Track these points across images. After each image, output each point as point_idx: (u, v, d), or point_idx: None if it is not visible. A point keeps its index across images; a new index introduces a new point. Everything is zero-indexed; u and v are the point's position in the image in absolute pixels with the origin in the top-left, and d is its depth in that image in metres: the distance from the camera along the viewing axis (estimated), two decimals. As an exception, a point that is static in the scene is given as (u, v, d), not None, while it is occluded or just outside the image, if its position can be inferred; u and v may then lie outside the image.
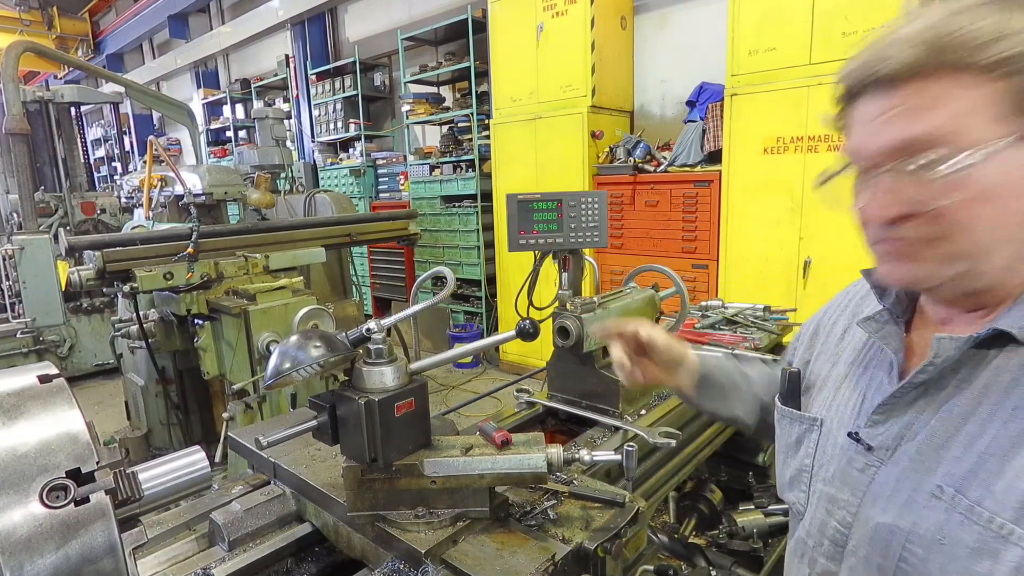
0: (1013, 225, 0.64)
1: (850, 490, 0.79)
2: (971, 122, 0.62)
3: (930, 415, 0.72)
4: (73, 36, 13.85)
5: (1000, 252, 0.66)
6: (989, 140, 0.62)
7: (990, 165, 0.62)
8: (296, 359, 1.02)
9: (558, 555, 1.02)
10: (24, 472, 0.68)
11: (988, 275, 0.68)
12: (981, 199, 0.63)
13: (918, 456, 0.72)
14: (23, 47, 5.76)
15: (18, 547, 0.64)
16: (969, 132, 0.62)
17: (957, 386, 0.70)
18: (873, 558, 0.75)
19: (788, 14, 3.70)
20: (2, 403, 0.72)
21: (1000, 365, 0.68)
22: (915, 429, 0.73)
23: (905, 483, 0.73)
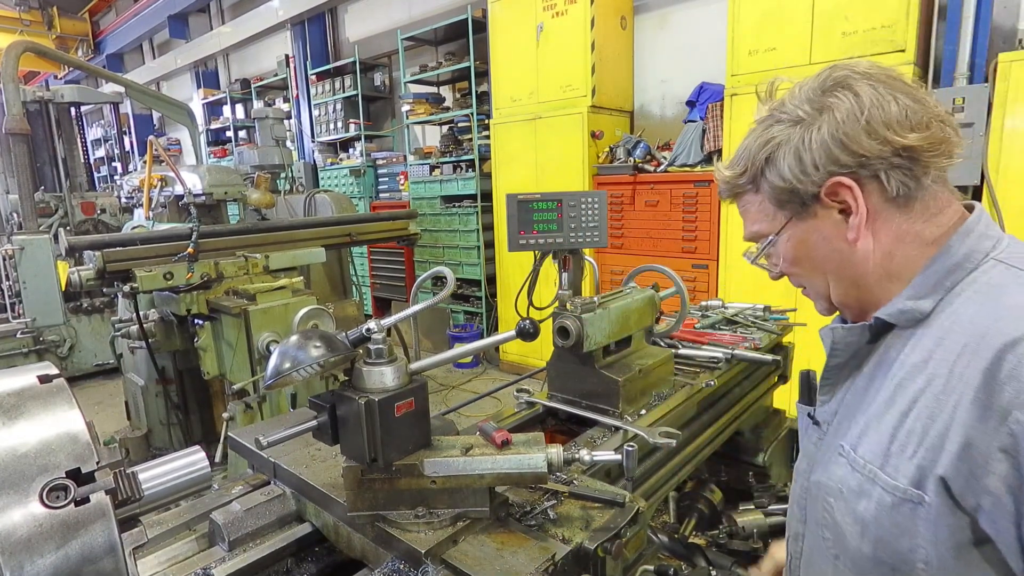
0: (823, 274, 0.92)
1: (807, 461, 1.00)
2: (761, 222, 0.94)
3: (847, 391, 0.94)
4: (73, 36, 13.85)
5: (837, 288, 0.92)
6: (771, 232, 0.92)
7: (782, 244, 0.93)
8: (296, 359, 1.02)
9: (558, 555, 1.02)
10: (24, 472, 0.68)
11: (848, 299, 0.92)
12: (793, 264, 0.94)
13: (838, 425, 0.94)
14: (23, 47, 5.76)
15: (18, 547, 0.64)
16: (763, 228, 0.94)
17: (860, 366, 0.92)
18: (815, 512, 0.95)
19: (788, 14, 3.70)
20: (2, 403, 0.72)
21: (887, 346, 0.88)
22: (841, 404, 0.94)
23: (830, 447, 0.93)
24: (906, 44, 3.33)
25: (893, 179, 0.81)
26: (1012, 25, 3.61)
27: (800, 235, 0.90)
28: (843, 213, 0.85)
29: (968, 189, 3.36)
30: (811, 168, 0.83)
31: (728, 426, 1.94)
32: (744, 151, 0.91)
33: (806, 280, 0.96)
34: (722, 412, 1.93)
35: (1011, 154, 3.14)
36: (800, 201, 0.87)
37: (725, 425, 1.92)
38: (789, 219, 0.89)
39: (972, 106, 3.23)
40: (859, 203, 0.83)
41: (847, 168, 0.81)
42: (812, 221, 0.88)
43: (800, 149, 0.84)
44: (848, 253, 0.87)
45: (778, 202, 0.89)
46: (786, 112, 0.86)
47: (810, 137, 0.83)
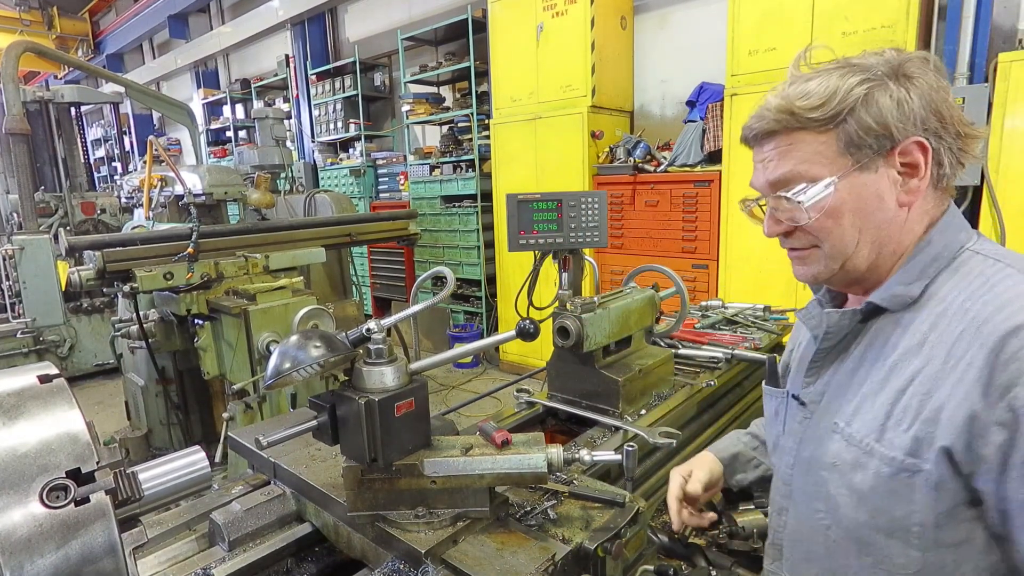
0: (859, 232, 0.89)
1: (793, 439, 1.04)
2: (813, 163, 0.88)
3: (835, 372, 0.97)
4: (73, 36, 13.84)
5: (860, 251, 0.90)
6: (829, 174, 0.87)
7: (833, 192, 0.87)
8: (296, 359, 1.02)
9: (558, 555, 1.02)
10: (24, 472, 0.68)
11: (859, 268, 0.92)
12: (830, 217, 0.89)
13: (827, 404, 0.97)
14: (23, 47, 5.76)
15: (18, 547, 0.64)
16: (812, 171, 0.88)
17: (850, 348, 0.96)
18: (804, 487, 0.99)
19: (788, 14, 3.70)
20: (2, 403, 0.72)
21: (878, 329, 0.92)
22: (829, 384, 0.98)
23: (820, 425, 0.97)
24: (906, 44, 3.33)
25: (948, 159, 0.86)
26: (1012, 25, 3.61)
27: (856, 186, 0.87)
28: (902, 175, 0.86)
29: (968, 189, 3.36)
30: (908, 119, 0.83)
31: (728, 426, 1.94)
32: (823, 86, 0.86)
33: (832, 238, 0.90)
34: (722, 412, 1.93)
35: (1011, 154, 3.14)
36: (875, 149, 0.85)
37: (725, 425, 1.92)
38: (853, 166, 0.86)
39: (972, 106, 3.23)
40: (927, 169, 0.85)
41: (929, 132, 0.84)
42: (872, 175, 0.87)
43: (902, 98, 0.83)
44: (892, 215, 0.88)
45: (852, 145, 0.86)
46: (872, 65, 0.85)
47: (906, 92, 0.84)
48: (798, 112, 0.87)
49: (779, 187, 0.91)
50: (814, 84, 0.87)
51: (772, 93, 0.92)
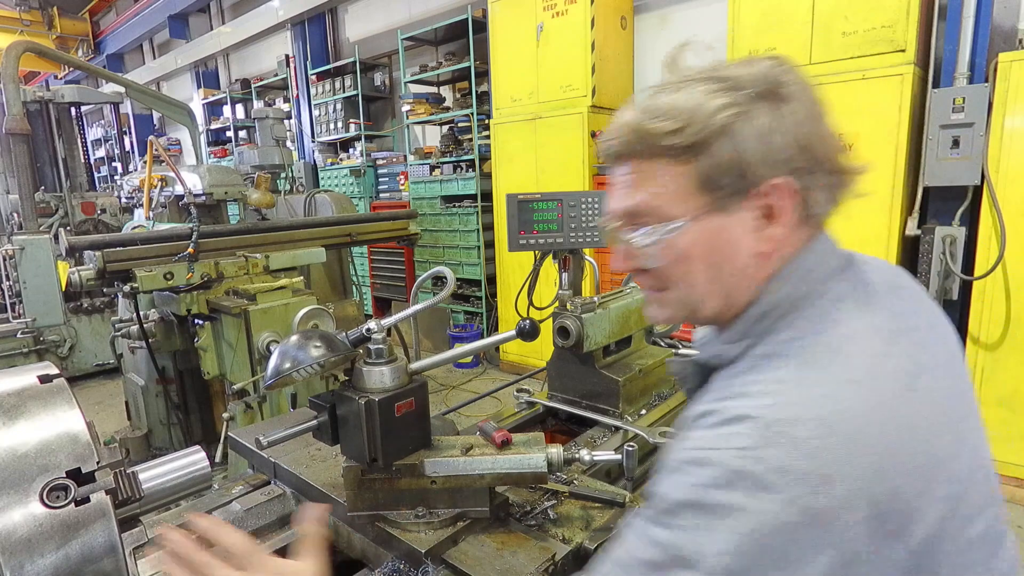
0: (708, 282, 0.77)
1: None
2: (666, 199, 0.74)
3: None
4: (73, 36, 13.84)
5: (709, 301, 0.78)
6: (681, 214, 0.74)
7: (683, 235, 0.75)
8: (296, 359, 1.02)
9: (558, 555, 1.02)
10: (24, 472, 0.68)
11: (708, 317, 0.81)
12: (679, 263, 0.76)
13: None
14: (23, 47, 5.76)
15: (19, 547, 0.64)
16: (664, 207, 0.75)
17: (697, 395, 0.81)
18: None
19: (788, 14, 3.70)
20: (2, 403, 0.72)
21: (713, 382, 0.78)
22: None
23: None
24: (906, 44, 3.33)
25: (819, 196, 0.74)
26: (1012, 25, 3.61)
27: (709, 230, 0.74)
28: (761, 219, 0.74)
29: (968, 189, 3.36)
30: (771, 156, 0.70)
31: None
32: (685, 106, 0.71)
33: (685, 284, 0.78)
34: (722, 412, 1.93)
35: (1011, 154, 3.14)
36: (732, 190, 0.72)
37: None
38: (708, 206, 0.73)
39: (972, 106, 3.23)
40: (788, 214, 0.73)
41: (796, 171, 0.71)
42: (727, 218, 0.73)
43: (765, 130, 0.70)
44: (745, 266, 0.75)
45: (708, 182, 0.72)
46: (740, 82, 0.71)
47: (775, 122, 0.70)
48: (651, 136, 0.73)
49: (629, 219, 0.79)
50: (675, 99, 0.73)
51: (630, 105, 0.78)
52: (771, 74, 0.72)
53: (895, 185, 3.42)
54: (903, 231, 3.51)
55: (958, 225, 3.42)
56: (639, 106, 0.76)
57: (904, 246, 3.54)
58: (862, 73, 3.44)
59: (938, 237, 3.42)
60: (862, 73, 3.44)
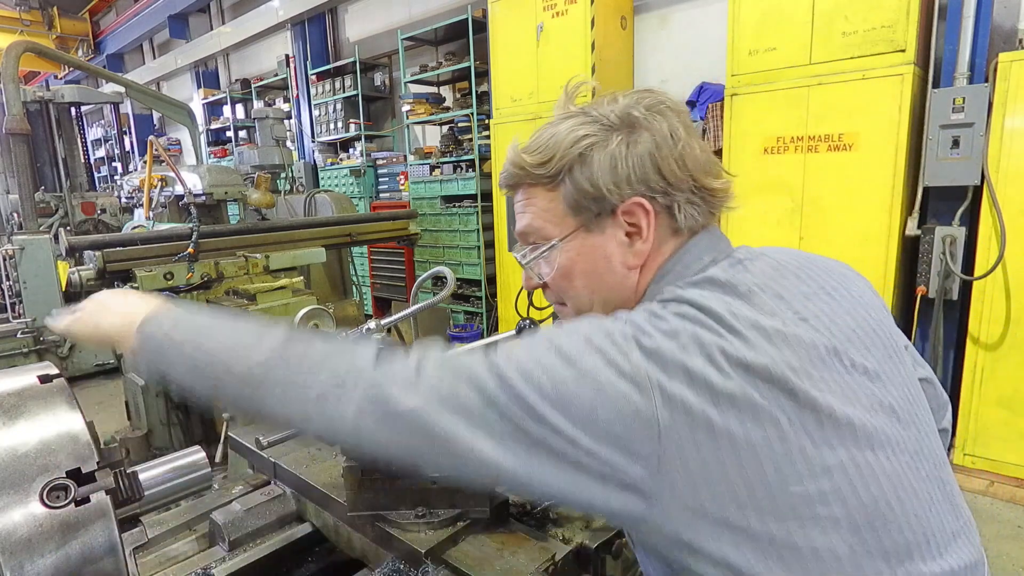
0: (591, 293, 0.86)
1: None
2: (546, 220, 0.86)
3: None
4: (73, 36, 13.84)
5: (595, 309, 0.86)
6: (558, 234, 0.85)
7: (561, 252, 0.85)
8: (296, 359, 1.02)
9: (559, 555, 1.02)
10: (24, 472, 0.68)
11: None
12: (564, 277, 0.87)
13: None
14: (23, 47, 5.77)
15: (18, 547, 0.64)
16: (545, 228, 0.86)
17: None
18: None
19: (788, 14, 3.70)
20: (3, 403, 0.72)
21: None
22: None
23: None
24: (906, 44, 3.33)
25: (684, 212, 0.81)
26: (1012, 25, 3.60)
27: (583, 247, 0.84)
28: (628, 236, 0.82)
29: (968, 189, 3.36)
30: (623, 180, 0.80)
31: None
32: (551, 140, 0.83)
33: (572, 296, 0.89)
34: (722, 412, 1.93)
35: (1011, 154, 3.14)
36: (596, 212, 0.82)
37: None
38: (578, 227, 0.84)
39: (972, 106, 3.23)
40: (650, 231, 0.81)
41: (652, 192, 0.80)
42: (599, 236, 0.83)
43: (616, 157, 0.79)
44: (622, 277, 0.84)
45: (574, 206, 0.83)
46: (602, 115, 0.82)
47: (627, 149, 0.80)
48: (525, 167, 0.85)
49: (524, 240, 0.90)
50: (548, 134, 0.84)
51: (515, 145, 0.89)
52: (631, 107, 0.81)
53: (895, 185, 3.42)
54: (903, 231, 3.51)
55: (958, 225, 3.42)
56: (524, 143, 0.87)
57: (904, 246, 3.54)
58: (862, 73, 3.44)
59: (938, 237, 3.42)
60: (862, 73, 3.44)
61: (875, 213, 3.46)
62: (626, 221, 0.82)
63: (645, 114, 0.81)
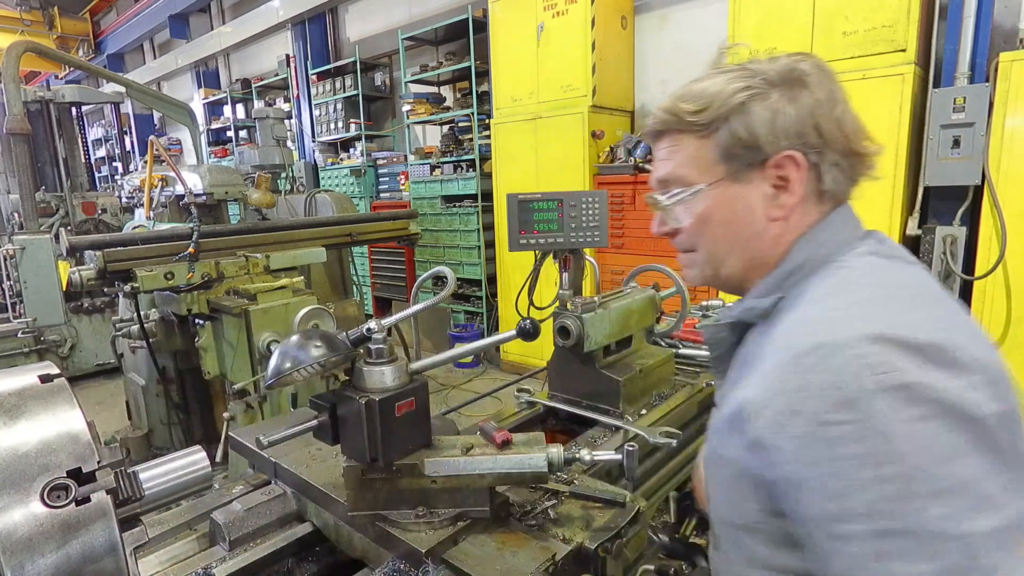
0: (728, 242, 0.89)
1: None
2: (690, 168, 0.88)
3: (722, 380, 0.96)
4: (74, 36, 13.84)
5: (730, 261, 0.90)
6: (698, 182, 0.87)
7: (703, 198, 0.88)
8: (297, 359, 1.02)
9: (559, 555, 1.02)
10: (25, 472, 0.68)
11: (733, 276, 0.92)
12: (702, 223, 0.89)
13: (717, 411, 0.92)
14: (24, 47, 5.77)
15: (19, 546, 0.64)
16: (688, 175, 0.88)
17: (731, 360, 0.93)
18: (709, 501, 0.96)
19: (788, 14, 3.70)
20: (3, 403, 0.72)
21: (749, 341, 0.90)
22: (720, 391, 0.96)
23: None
24: (907, 44, 3.33)
25: (832, 174, 0.83)
26: (1013, 24, 3.60)
27: (727, 196, 0.86)
28: (775, 188, 0.84)
29: (969, 189, 3.36)
30: (780, 132, 0.82)
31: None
32: (709, 89, 0.86)
33: (705, 244, 0.91)
34: (723, 412, 1.93)
35: (1012, 154, 3.14)
36: (747, 161, 0.84)
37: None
38: (725, 176, 0.86)
39: (973, 106, 3.23)
40: (799, 185, 0.83)
41: (807, 147, 0.82)
42: (744, 186, 0.85)
43: (776, 110, 0.82)
44: (761, 230, 0.86)
45: (725, 154, 0.85)
46: (762, 70, 0.84)
47: (787, 103, 0.82)
48: (680, 114, 0.87)
49: (664, 187, 0.92)
50: (704, 85, 0.87)
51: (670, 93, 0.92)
52: (791, 65, 0.83)
53: (895, 185, 3.41)
54: (904, 231, 3.51)
55: (959, 225, 3.42)
56: (675, 93, 0.90)
57: (905, 246, 3.53)
58: (862, 73, 3.44)
59: (939, 237, 3.42)
60: (862, 73, 3.44)
61: (875, 213, 3.46)
62: (775, 174, 0.83)
63: (806, 73, 0.83)
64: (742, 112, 0.83)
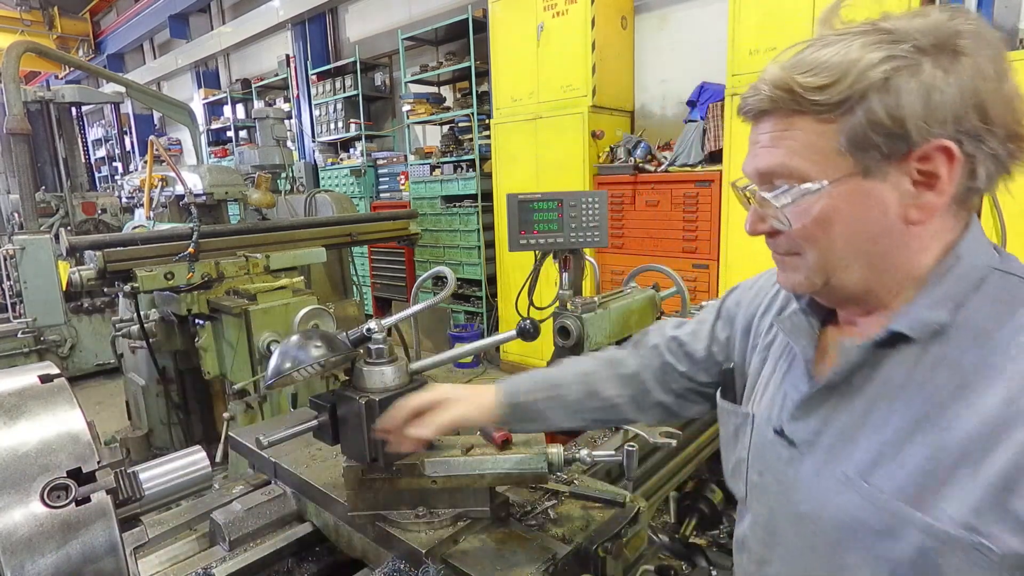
0: (850, 247, 0.72)
1: (777, 482, 0.85)
2: (807, 158, 0.70)
3: (841, 411, 0.78)
4: (74, 36, 13.85)
5: (850, 269, 0.74)
6: (823, 176, 0.69)
7: (823, 198, 0.70)
8: (297, 359, 1.02)
9: (559, 555, 1.02)
10: (25, 472, 0.68)
11: (848, 287, 0.76)
12: (817, 225, 0.72)
13: (831, 448, 0.78)
14: (24, 47, 5.77)
15: (19, 546, 0.64)
16: (803, 167, 0.70)
17: (861, 384, 0.76)
18: (797, 544, 0.82)
19: (789, 14, 3.70)
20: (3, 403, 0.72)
21: (896, 362, 0.73)
22: (830, 423, 0.79)
23: (821, 474, 0.78)
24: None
25: (986, 167, 0.67)
26: (1013, 25, 3.60)
27: (855, 194, 0.69)
28: (914, 185, 0.68)
29: (969, 189, 3.36)
30: (935, 116, 0.64)
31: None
32: (840, 59, 0.66)
33: (819, 249, 0.73)
34: (723, 412, 1.93)
35: (1012, 154, 3.15)
36: (886, 152, 0.66)
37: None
38: (853, 170, 0.68)
39: (973, 106, 3.24)
40: (950, 184, 0.66)
41: (964, 134, 0.64)
42: (879, 183, 0.68)
43: (932, 87, 0.63)
44: (897, 234, 0.70)
45: (856, 143, 0.67)
46: (909, 33, 0.64)
47: (944, 76, 0.63)
48: (798, 91, 0.68)
49: (766, 179, 0.75)
50: (828, 53, 0.67)
51: (775, 61, 0.72)
52: (944, 25, 0.65)
53: (896, 185, 3.42)
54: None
55: (959, 225, 3.43)
56: (790, 60, 0.70)
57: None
58: (863, 73, 3.44)
59: (939, 237, 3.42)
60: (863, 73, 3.44)
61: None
62: (918, 169, 0.67)
63: (964, 35, 0.65)
64: (884, 90, 0.64)
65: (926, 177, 0.67)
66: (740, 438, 0.93)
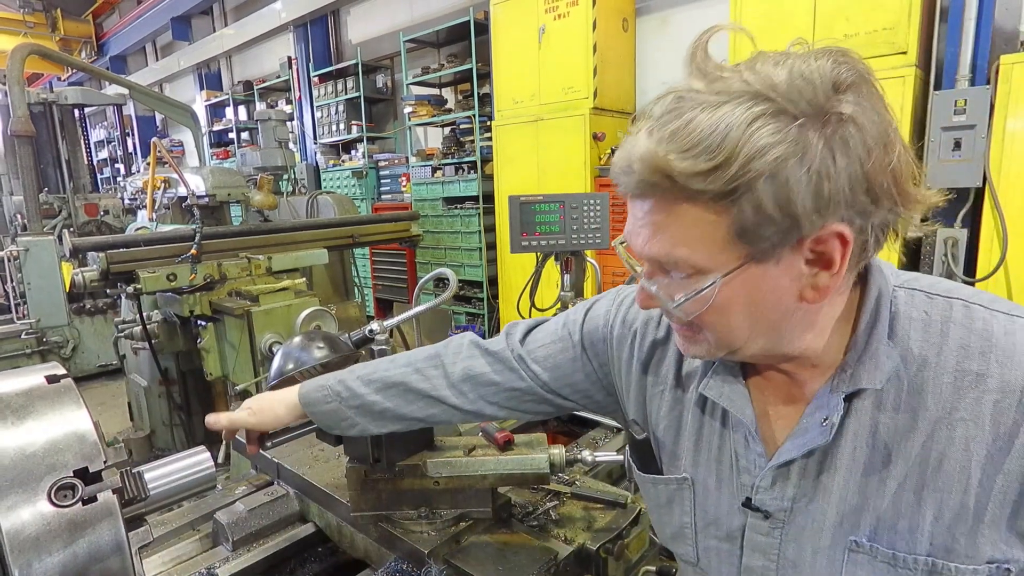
0: (749, 326, 0.68)
1: (763, 556, 0.79)
2: (696, 249, 0.64)
3: (804, 473, 0.74)
4: (77, 38, 13.89)
5: (752, 342, 0.70)
6: (713, 266, 0.64)
7: (717, 289, 0.65)
8: (299, 360, 1.03)
9: (560, 555, 1.02)
10: (32, 471, 0.69)
11: (757, 354, 0.73)
12: (716, 312, 0.67)
13: (815, 514, 0.74)
14: (28, 50, 5.78)
15: (27, 545, 0.65)
16: (694, 258, 0.64)
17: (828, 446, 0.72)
18: None
19: (789, 16, 3.70)
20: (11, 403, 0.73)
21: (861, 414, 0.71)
22: (805, 488, 0.75)
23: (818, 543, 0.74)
24: (908, 46, 3.33)
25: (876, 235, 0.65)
26: (1014, 27, 3.60)
27: (749, 280, 0.65)
28: (809, 264, 0.64)
29: (970, 191, 3.36)
30: (827, 204, 0.59)
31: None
32: (720, 138, 0.57)
33: (718, 330, 0.70)
34: (724, 413, 1.93)
35: (1012, 156, 3.14)
36: (776, 241, 0.61)
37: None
38: (746, 259, 0.63)
39: (974, 108, 3.23)
40: (843, 264, 0.63)
41: (856, 214, 0.61)
42: (771, 267, 0.64)
43: (823, 175, 0.58)
44: (791, 312, 0.68)
45: (747, 234, 0.61)
46: (789, 98, 0.57)
47: (833, 159, 0.58)
48: (678, 178, 0.59)
49: (653, 264, 0.70)
50: (705, 123, 0.58)
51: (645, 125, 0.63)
52: (826, 78, 0.58)
53: (897, 187, 3.42)
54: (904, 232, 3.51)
55: (960, 227, 3.42)
56: (663, 129, 0.61)
57: (906, 248, 3.54)
58: (864, 75, 3.44)
59: (940, 239, 3.42)
60: (864, 75, 3.44)
61: (877, 215, 3.46)
62: (812, 250, 0.63)
63: (849, 94, 0.59)
64: (772, 180, 0.57)
65: (819, 255, 0.63)
66: (679, 503, 0.88)
